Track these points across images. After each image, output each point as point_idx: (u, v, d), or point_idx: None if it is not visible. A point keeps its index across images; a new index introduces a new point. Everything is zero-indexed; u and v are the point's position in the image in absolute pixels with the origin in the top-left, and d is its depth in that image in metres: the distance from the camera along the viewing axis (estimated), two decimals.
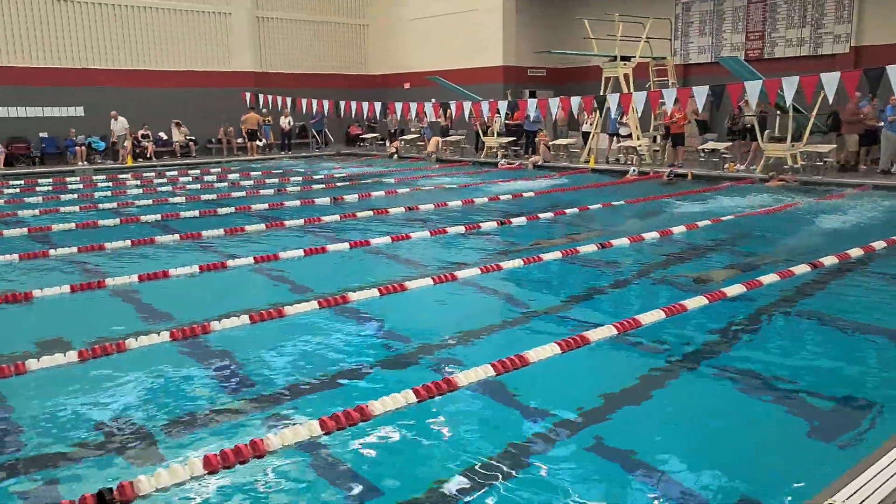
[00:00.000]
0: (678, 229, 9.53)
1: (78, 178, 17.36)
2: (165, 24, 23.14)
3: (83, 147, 20.66)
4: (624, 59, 18.61)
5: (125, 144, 20.67)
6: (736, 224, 10.20)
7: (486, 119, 20.75)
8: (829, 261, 7.43)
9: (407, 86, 26.55)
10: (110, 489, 3.13)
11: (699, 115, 18.72)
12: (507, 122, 21.01)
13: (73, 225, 10.39)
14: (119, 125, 20.60)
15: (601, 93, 17.79)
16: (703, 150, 17.59)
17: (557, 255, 8.02)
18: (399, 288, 6.60)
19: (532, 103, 15.50)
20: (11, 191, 15.02)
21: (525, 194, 13.55)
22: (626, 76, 18.55)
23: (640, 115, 18.44)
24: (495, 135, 20.98)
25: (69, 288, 6.69)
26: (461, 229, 9.78)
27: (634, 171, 16.47)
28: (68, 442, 3.79)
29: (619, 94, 14.69)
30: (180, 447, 3.71)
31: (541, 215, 10.86)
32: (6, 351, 5.18)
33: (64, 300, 6.53)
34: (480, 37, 23.83)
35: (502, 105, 16.68)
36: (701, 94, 12.55)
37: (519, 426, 4.00)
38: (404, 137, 23.85)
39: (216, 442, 3.72)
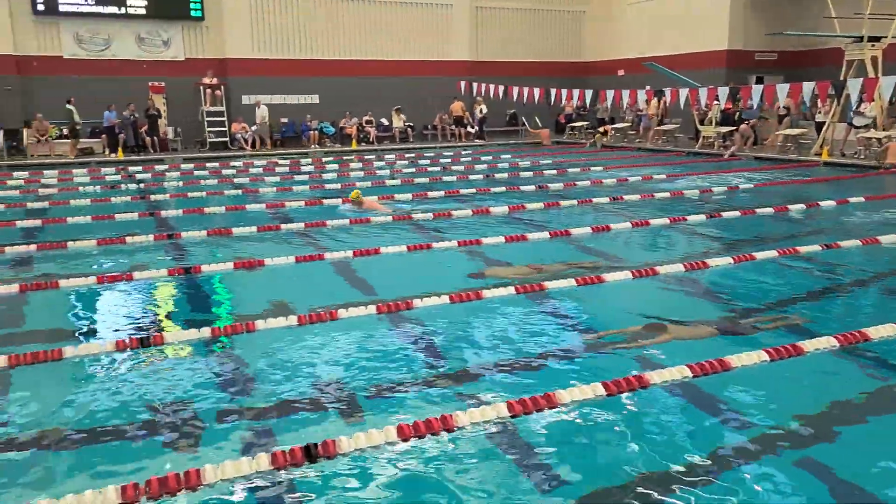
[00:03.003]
0: None
1: (310, 160, 19.11)
2: (392, 17, 24.62)
3: (316, 132, 22.69)
4: (872, 39, 16.54)
5: (262, 134, 21.92)
6: None
7: (703, 107, 19.59)
8: None
9: (621, 72, 25.82)
10: (316, 444, 3.46)
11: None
12: (724, 110, 19.64)
13: (302, 203, 11.49)
14: (260, 113, 21.89)
15: (841, 78, 15.99)
16: None
17: (773, 254, 7.40)
18: (596, 280, 6.50)
19: (757, 90, 14.35)
20: (256, 170, 16.93)
21: (742, 187, 12.62)
22: (873, 59, 16.48)
23: (887, 104, 16.32)
24: (713, 124, 19.73)
25: (294, 259, 7.44)
26: (666, 221, 9.37)
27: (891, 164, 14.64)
28: (283, 397, 4.23)
29: (861, 80, 13.12)
30: (378, 413, 3.99)
31: (758, 210, 10.07)
32: (240, 311, 5.91)
33: (289, 269, 7.27)
34: (703, 19, 22.45)
35: (722, 92, 15.63)
36: None
37: (714, 433, 3.79)
38: (615, 126, 23.27)
39: (410, 412, 3.95)
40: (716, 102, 18.61)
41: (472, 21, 25.81)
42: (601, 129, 22.59)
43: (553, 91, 19.70)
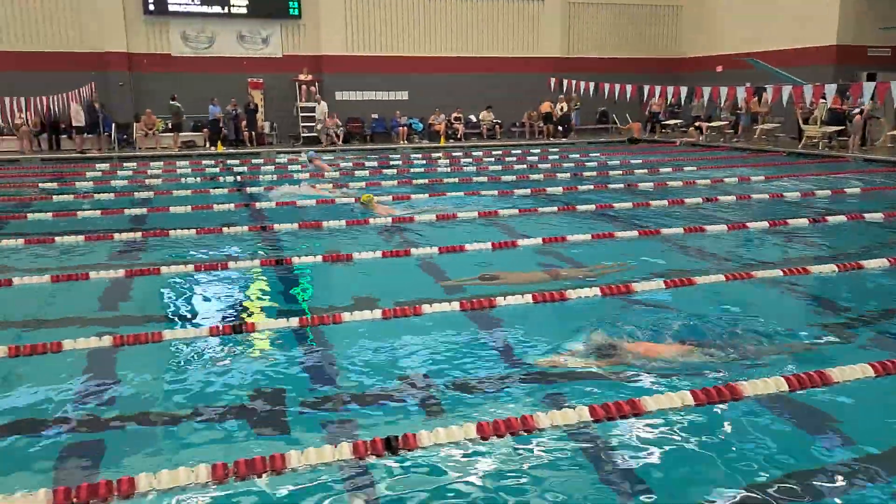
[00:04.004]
0: None
1: (399, 156, 19.38)
2: (482, 14, 24.64)
3: (405, 128, 23.00)
4: None
5: (328, 130, 22.22)
6: None
7: (807, 105, 18.61)
8: None
9: (719, 69, 24.87)
10: (396, 437, 3.50)
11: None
12: (831, 108, 18.59)
13: (389, 197, 11.65)
14: (319, 109, 22.19)
15: None
16: None
17: (883, 262, 6.94)
18: (686, 282, 6.28)
19: (868, 87, 13.51)
20: (346, 164, 17.30)
21: (848, 191, 11.91)
22: None
23: None
24: (819, 123, 18.71)
25: (381, 253, 7.55)
26: (765, 225, 8.95)
27: None
28: (366, 388, 4.30)
29: None
30: (458, 410, 3.98)
31: (867, 216, 9.47)
32: (328, 302, 6.05)
33: (377, 263, 7.38)
34: (810, 13, 21.29)
35: (829, 89, 14.80)
36: None
37: (811, 453, 3.58)
38: (711, 124, 22.45)
39: (490, 410, 3.93)
40: (822, 100, 17.65)
41: (564, 16, 25.49)
42: (696, 125, 21.85)
43: (646, 88, 19.20)
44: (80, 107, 19.86)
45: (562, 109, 24.22)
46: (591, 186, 12.72)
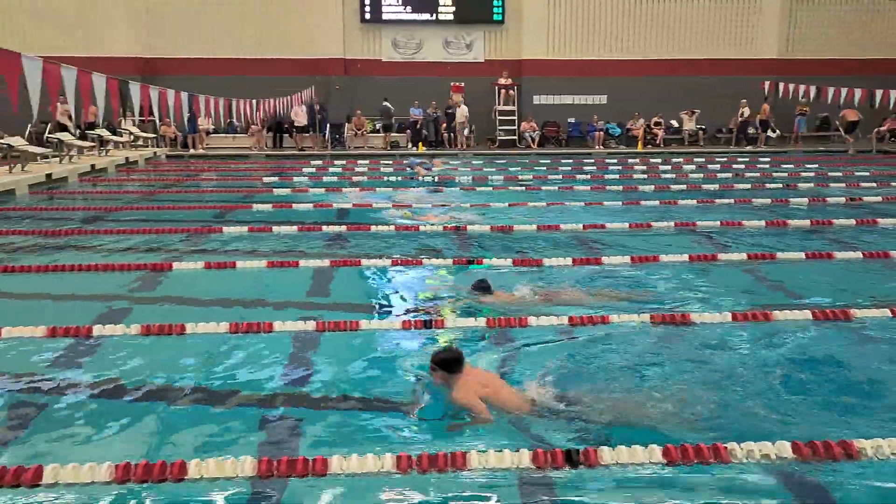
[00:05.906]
0: None
1: (593, 161, 19.03)
2: (690, 13, 23.47)
3: (601, 132, 22.55)
4: None
5: (465, 132, 21.81)
6: None
7: None
8: None
9: None
10: (577, 451, 3.42)
11: None
12: None
13: (582, 203, 11.46)
14: (461, 112, 21.84)
15: None
16: None
17: None
18: (892, 314, 5.51)
19: None
20: (540, 168, 17.32)
21: None
22: None
23: None
24: None
25: (571, 260, 7.43)
26: None
27: None
28: (548, 395, 4.23)
29: None
30: (644, 430, 3.80)
31: None
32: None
33: (567, 270, 7.27)
34: None
35: None
36: None
37: None
38: None
39: (679, 434, 3.71)
40: None
41: (784, 14, 23.53)
42: None
43: (878, 93, 17.20)
44: (302, 108, 21.79)
45: (741, 115, 22.29)
46: (805, 200, 11.62)
